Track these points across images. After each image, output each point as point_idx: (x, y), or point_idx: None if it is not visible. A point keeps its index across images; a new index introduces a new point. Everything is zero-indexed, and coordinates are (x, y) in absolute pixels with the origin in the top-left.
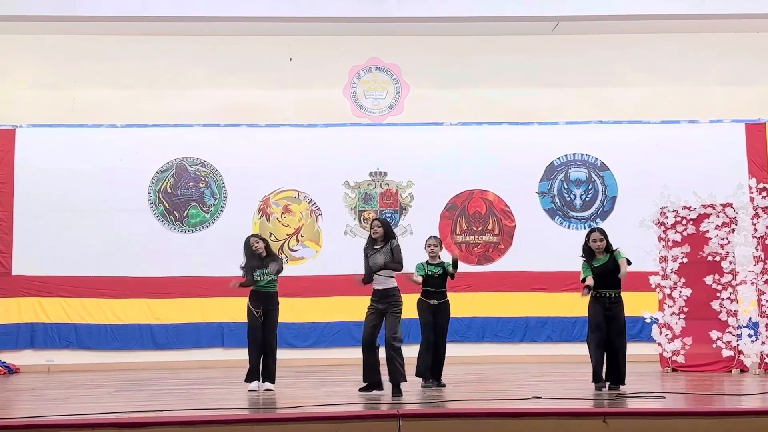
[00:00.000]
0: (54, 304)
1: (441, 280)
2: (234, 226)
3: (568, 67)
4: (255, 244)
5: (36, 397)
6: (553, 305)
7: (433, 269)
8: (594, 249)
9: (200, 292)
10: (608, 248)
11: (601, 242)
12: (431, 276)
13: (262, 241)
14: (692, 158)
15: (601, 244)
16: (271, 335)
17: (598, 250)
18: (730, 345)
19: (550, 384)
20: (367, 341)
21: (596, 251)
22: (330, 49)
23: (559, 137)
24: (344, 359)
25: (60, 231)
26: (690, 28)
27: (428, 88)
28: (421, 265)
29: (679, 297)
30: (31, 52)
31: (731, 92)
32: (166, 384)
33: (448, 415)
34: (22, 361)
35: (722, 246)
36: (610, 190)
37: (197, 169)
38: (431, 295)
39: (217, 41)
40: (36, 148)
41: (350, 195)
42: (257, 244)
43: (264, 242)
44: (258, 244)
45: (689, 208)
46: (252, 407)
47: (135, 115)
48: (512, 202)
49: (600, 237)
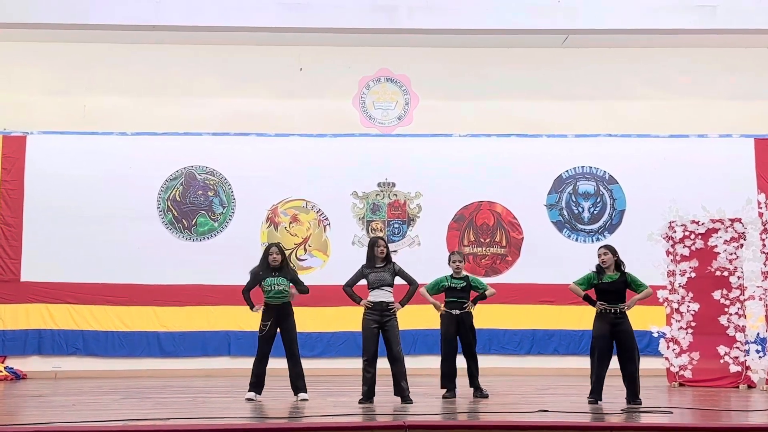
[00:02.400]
0: (62, 311)
1: (464, 292)
2: (242, 234)
3: (577, 80)
4: (273, 255)
5: (43, 403)
6: (560, 318)
7: (457, 282)
8: (600, 263)
9: (207, 301)
10: (619, 266)
11: (606, 256)
12: (454, 288)
13: (281, 254)
14: (701, 172)
15: (606, 258)
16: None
17: (604, 264)
18: (738, 360)
19: (556, 397)
20: (374, 355)
21: (603, 266)
22: (340, 59)
23: (567, 150)
24: (351, 369)
25: (69, 238)
26: (699, 43)
27: (437, 100)
28: (443, 279)
29: (686, 312)
30: (43, 59)
31: (740, 107)
32: (172, 392)
33: (455, 427)
34: (29, 368)
35: (730, 261)
36: (618, 204)
37: (206, 177)
38: (453, 305)
39: (227, 51)
40: (46, 154)
41: (358, 205)
42: (275, 255)
43: (282, 255)
44: (276, 256)
45: (698, 223)
46: (258, 417)
47: (145, 123)
48: (520, 214)
49: (605, 251)
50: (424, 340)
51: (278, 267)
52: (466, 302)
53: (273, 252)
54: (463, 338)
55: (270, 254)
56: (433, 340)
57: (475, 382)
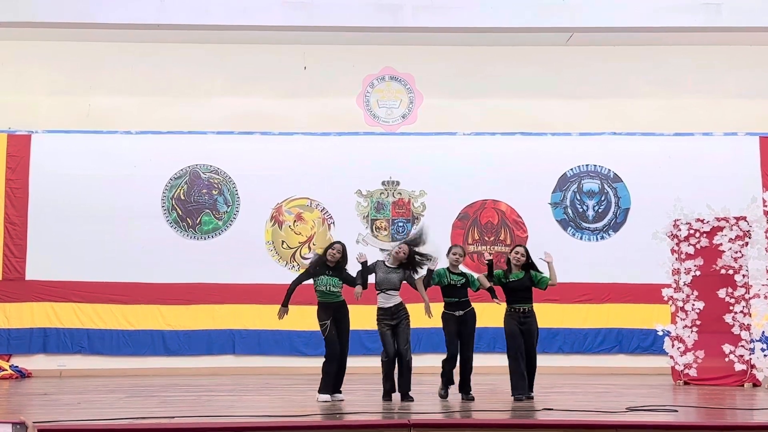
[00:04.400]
0: (66, 310)
1: (463, 289)
2: (246, 233)
3: (581, 78)
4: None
5: (48, 402)
6: (565, 316)
7: (456, 278)
8: (513, 261)
9: (212, 299)
10: (527, 267)
11: (522, 257)
12: (453, 286)
13: (341, 254)
14: (706, 171)
15: (522, 259)
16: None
17: (517, 263)
18: (743, 359)
19: (561, 395)
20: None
21: (514, 264)
22: (344, 58)
23: (572, 148)
24: (355, 368)
25: (73, 236)
26: (704, 41)
27: (442, 98)
28: (441, 272)
29: (691, 310)
30: (48, 58)
31: (745, 105)
32: (177, 390)
33: (460, 425)
34: (35, 366)
35: (735, 259)
36: (623, 202)
37: (210, 176)
38: (455, 307)
39: (231, 50)
40: (51, 153)
41: (362, 204)
42: (337, 254)
43: (342, 255)
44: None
45: (703, 221)
46: (264, 415)
47: (150, 122)
48: (525, 212)
49: (523, 252)
50: (429, 339)
51: (335, 267)
52: (466, 300)
53: (336, 250)
54: (462, 338)
55: (332, 249)
56: (438, 339)
57: (465, 386)
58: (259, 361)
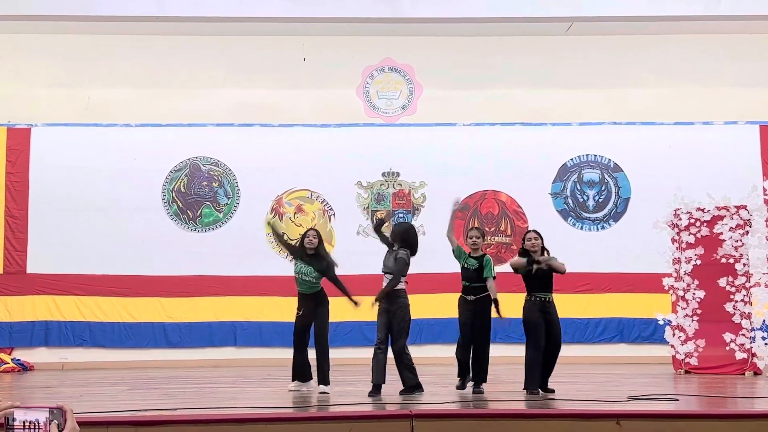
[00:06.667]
0: (68, 302)
1: (478, 274)
2: (247, 225)
3: (581, 67)
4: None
5: (50, 394)
6: (565, 306)
7: (471, 262)
8: (530, 248)
9: (213, 291)
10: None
11: (537, 241)
12: (467, 269)
13: (318, 239)
14: (706, 160)
15: (537, 242)
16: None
17: (534, 248)
18: (744, 347)
19: (562, 385)
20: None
21: (532, 252)
22: (343, 49)
23: (572, 138)
24: (356, 359)
25: (74, 229)
26: (704, 30)
27: (441, 89)
28: (464, 253)
29: (692, 299)
30: (47, 51)
31: (745, 94)
32: (179, 382)
33: (462, 415)
34: (36, 359)
35: (736, 248)
36: (623, 192)
37: (211, 168)
38: (468, 291)
39: (231, 41)
40: (51, 146)
41: (363, 195)
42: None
43: (318, 240)
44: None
45: (703, 210)
46: (265, 406)
47: (149, 115)
48: (525, 202)
49: (536, 235)
50: (430, 330)
51: (314, 255)
52: (480, 286)
53: (310, 235)
54: (475, 322)
55: (307, 236)
56: (439, 330)
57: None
58: (260, 352)
